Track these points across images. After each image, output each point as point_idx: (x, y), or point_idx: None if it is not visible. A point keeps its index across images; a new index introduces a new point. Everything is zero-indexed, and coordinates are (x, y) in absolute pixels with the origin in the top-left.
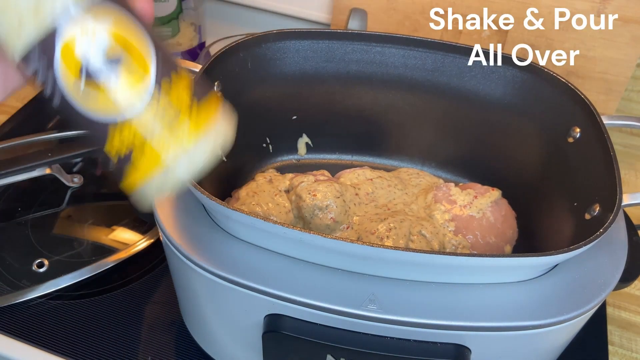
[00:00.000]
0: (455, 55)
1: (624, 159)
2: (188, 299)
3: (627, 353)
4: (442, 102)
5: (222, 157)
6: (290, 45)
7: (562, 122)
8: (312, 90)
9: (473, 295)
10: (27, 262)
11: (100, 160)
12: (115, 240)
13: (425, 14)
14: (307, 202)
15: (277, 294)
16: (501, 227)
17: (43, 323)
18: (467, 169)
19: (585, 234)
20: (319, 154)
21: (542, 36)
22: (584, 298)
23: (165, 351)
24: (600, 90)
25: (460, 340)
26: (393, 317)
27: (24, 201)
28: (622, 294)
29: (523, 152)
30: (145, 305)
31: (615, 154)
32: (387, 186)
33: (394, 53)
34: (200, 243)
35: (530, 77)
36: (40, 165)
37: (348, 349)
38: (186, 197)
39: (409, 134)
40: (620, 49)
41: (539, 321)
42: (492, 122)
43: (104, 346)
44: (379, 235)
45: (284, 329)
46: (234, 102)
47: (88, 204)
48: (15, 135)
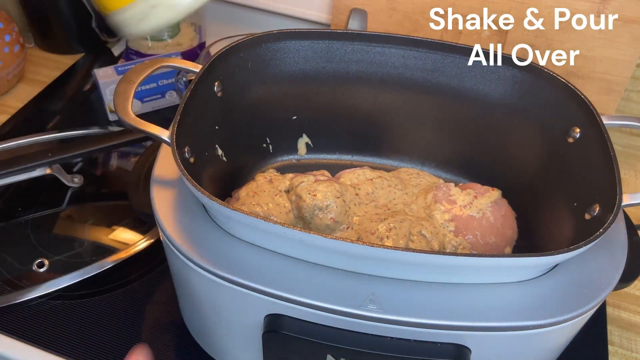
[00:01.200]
0: (455, 55)
1: (624, 159)
2: (188, 299)
3: (627, 353)
4: (442, 102)
5: (223, 157)
6: (290, 45)
7: (562, 122)
8: (312, 90)
9: (473, 295)
10: (27, 262)
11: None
12: (115, 240)
13: (425, 14)
14: (307, 202)
15: (277, 294)
16: (501, 227)
17: (43, 323)
18: (467, 169)
19: (585, 234)
20: (319, 154)
21: (542, 36)
22: (584, 298)
23: (165, 351)
24: (600, 90)
25: (460, 340)
26: (393, 317)
27: (24, 201)
28: (622, 294)
29: (523, 152)
30: (145, 305)
31: (615, 154)
32: (387, 186)
33: (394, 53)
34: (200, 243)
35: (530, 77)
36: (40, 165)
37: (348, 349)
38: (186, 197)
39: (409, 134)
40: (620, 49)
41: (539, 321)
42: (492, 122)
43: (104, 346)
44: (379, 235)
45: (284, 329)
46: (234, 102)
47: (88, 204)
48: (15, 135)
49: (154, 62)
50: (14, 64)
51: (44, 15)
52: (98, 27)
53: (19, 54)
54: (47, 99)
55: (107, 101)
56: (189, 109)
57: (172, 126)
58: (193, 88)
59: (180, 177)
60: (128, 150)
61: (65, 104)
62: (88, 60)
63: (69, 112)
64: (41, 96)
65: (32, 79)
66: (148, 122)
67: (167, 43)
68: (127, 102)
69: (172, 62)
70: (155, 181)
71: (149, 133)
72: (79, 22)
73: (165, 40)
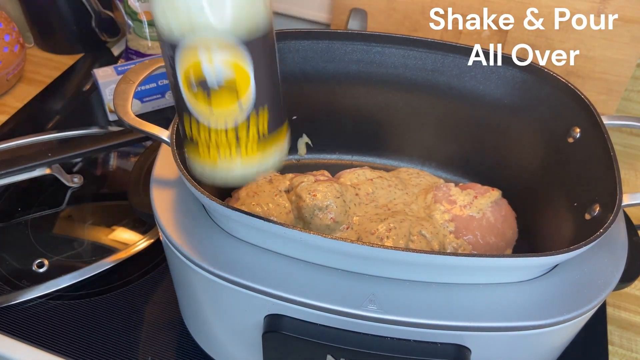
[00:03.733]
0: (455, 55)
1: (624, 159)
2: (188, 299)
3: (627, 353)
4: (442, 102)
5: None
6: (290, 45)
7: (562, 122)
8: (312, 90)
9: (473, 295)
10: (27, 262)
11: None
12: (115, 240)
13: (425, 14)
14: (307, 202)
15: (277, 294)
16: (501, 227)
17: (43, 323)
18: (467, 169)
19: (585, 234)
20: (319, 154)
21: (542, 36)
22: (584, 298)
23: (165, 351)
24: (600, 90)
25: (460, 340)
26: (393, 317)
27: (24, 201)
28: (622, 294)
29: (523, 152)
30: (145, 305)
31: (615, 154)
32: (387, 186)
33: (394, 53)
34: (200, 243)
35: (530, 77)
36: (40, 165)
37: (348, 349)
38: (186, 197)
39: (409, 134)
40: (620, 49)
41: (539, 321)
42: (492, 122)
43: (104, 346)
44: (379, 235)
45: (284, 329)
46: None
47: (88, 204)
48: (15, 135)
49: (153, 62)
50: (14, 64)
51: (44, 15)
52: (98, 27)
53: (19, 54)
54: (46, 99)
55: (106, 101)
56: None
57: (172, 126)
58: None
59: (180, 177)
60: (128, 150)
61: (65, 104)
62: (88, 60)
63: (69, 112)
64: (41, 96)
65: (32, 79)
66: (148, 122)
67: None
68: (127, 102)
69: None
70: (155, 181)
71: (149, 133)
72: (79, 22)
73: None
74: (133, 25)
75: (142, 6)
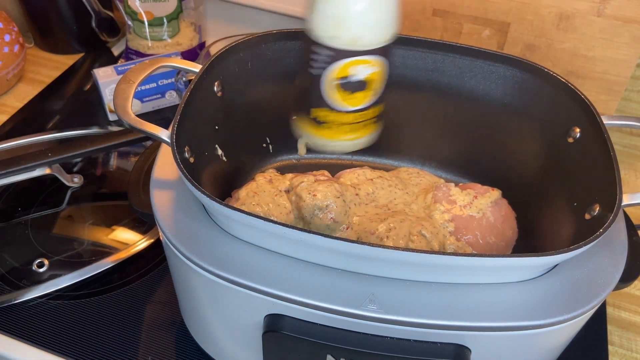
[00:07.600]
0: (455, 55)
1: (624, 159)
2: (188, 299)
3: (627, 353)
4: (442, 102)
5: (223, 157)
6: (290, 45)
7: (562, 122)
8: None
9: (473, 295)
10: (27, 262)
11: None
12: (115, 240)
13: (426, 14)
14: (307, 202)
15: (277, 294)
16: (501, 227)
17: (43, 323)
18: (467, 169)
19: (585, 234)
20: (319, 154)
21: (542, 36)
22: (584, 298)
23: (165, 351)
24: (600, 90)
25: (460, 340)
26: (393, 317)
27: (24, 201)
28: (622, 294)
29: (523, 152)
30: (145, 305)
31: (615, 154)
32: (387, 186)
33: (394, 53)
34: (200, 243)
35: (530, 77)
36: (40, 165)
37: (348, 349)
38: (186, 197)
39: (409, 134)
40: (620, 49)
41: (539, 321)
42: (492, 122)
43: (104, 346)
44: (379, 235)
45: (284, 329)
46: (234, 102)
47: (88, 204)
48: (15, 135)
49: (153, 62)
50: (14, 63)
51: (44, 15)
52: (98, 27)
53: (19, 54)
54: (46, 99)
55: (107, 101)
56: (189, 109)
57: (172, 126)
58: (193, 88)
59: (180, 177)
60: (128, 150)
61: (65, 104)
62: (88, 60)
63: (69, 112)
64: (41, 96)
65: (31, 78)
66: (148, 122)
67: (166, 43)
68: (127, 102)
69: (172, 62)
70: (155, 181)
71: (149, 133)
72: (79, 22)
73: (165, 40)
74: (133, 25)
75: (142, 6)
